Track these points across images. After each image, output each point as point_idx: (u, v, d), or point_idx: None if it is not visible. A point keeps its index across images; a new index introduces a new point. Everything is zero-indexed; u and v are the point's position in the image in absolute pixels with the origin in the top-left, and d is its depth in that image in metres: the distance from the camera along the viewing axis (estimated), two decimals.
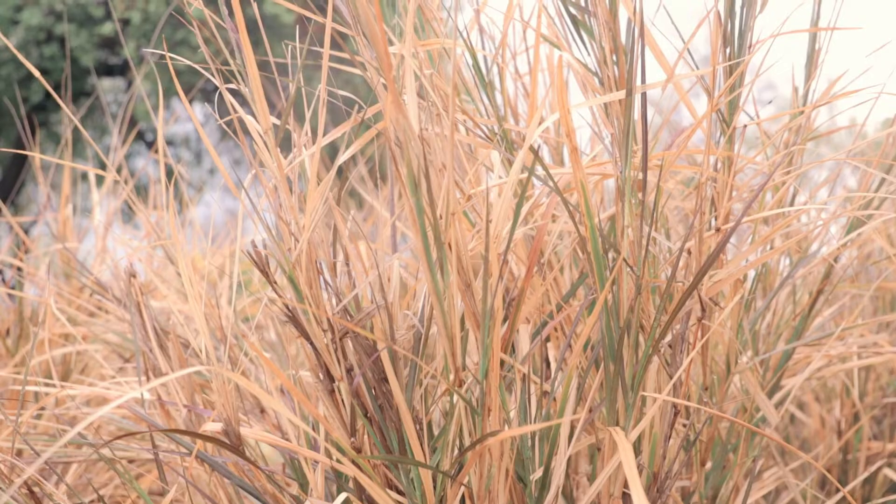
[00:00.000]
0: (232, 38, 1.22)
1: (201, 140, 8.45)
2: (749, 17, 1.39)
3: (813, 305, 1.79)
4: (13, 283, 2.99)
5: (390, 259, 1.25)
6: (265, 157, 1.20)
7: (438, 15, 1.32)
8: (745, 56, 1.29)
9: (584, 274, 1.33)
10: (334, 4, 1.21)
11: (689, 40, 1.22)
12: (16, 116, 3.68)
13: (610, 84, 1.30)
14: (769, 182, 1.39)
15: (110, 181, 2.96)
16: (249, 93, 1.18)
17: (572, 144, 1.13)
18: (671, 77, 1.19)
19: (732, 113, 1.33)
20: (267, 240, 1.24)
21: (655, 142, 1.37)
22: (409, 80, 1.11)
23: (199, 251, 3.12)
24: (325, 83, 1.21)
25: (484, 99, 1.42)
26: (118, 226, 3.31)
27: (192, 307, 1.41)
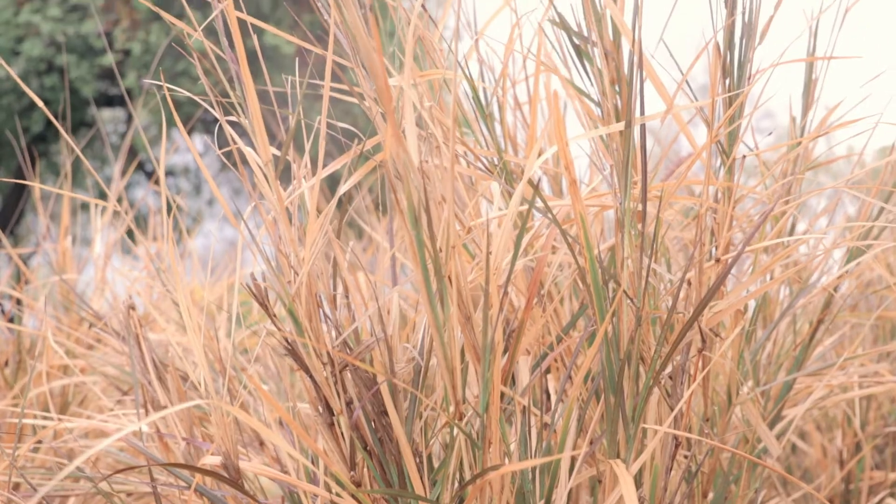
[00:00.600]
0: (232, 70, 1.22)
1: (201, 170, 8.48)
2: (748, 48, 1.39)
3: (813, 335, 1.78)
4: (12, 314, 2.99)
5: (390, 292, 1.24)
6: (265, 190, 1.20)
7: (438, 45, 1.32)
8: (745, 87, 1.30)
9: (585, 305, 1.33)
10: (334, 36, 1.22)
11: (688, 71, 1.23)
12: (16, 147, 3.70)
13: (610, 114, 1.30)
14: (769, 212, 1.39)
15: (110, 212, 2.96)
16: (249, 125, 1.18)
17: (571, 177, 1.13)
18: (670, 108, 1.20)
19: (732, 144, 1.33)
20: (266, 272, 1.24)
21: (655, 173, 1.37)
22: (408, 111, 1.12)
23: (199, 282, 3.11)
24: (325, 115, 1.21)
25: (483, 130, 1.42)
26: (118, 257, 3.31)
27: (191, 340, 1.41)
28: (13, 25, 8.76)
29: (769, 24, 1.42)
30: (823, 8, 1.57)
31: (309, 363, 1.25)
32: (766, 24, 1.42)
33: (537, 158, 1.12)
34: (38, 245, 3.17)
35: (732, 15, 1.28)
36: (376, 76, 1.02)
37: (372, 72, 1.03)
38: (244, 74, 1.14)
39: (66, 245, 2.80)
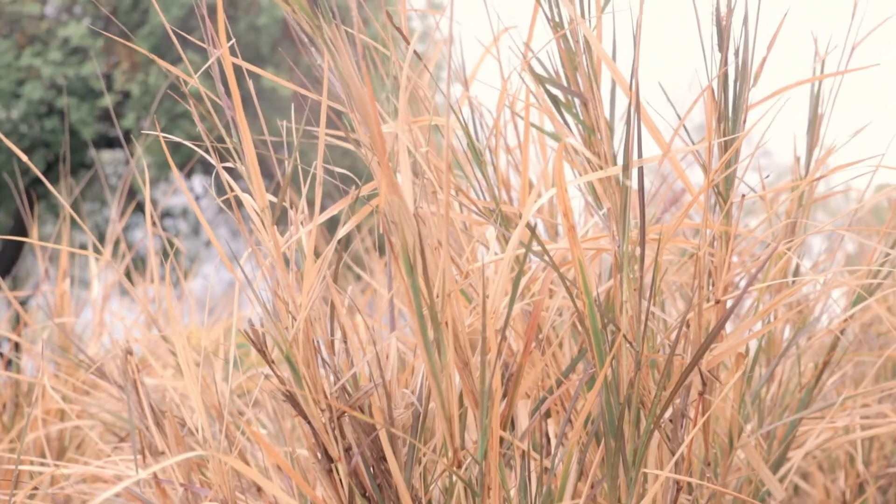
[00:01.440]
0: (228, 116, 1.22)
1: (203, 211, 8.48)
2: (742, 90, 1.39)
3: (819, 377, 1.77)
4: (10, 358, 2.98)
5: (388, 337, 1.24)
6: (261, 236, 1.20)
7: (430, 92, 1.33)
8: (740, 131, 1.30)
9: (584, 349, 1.32)
10: (329, 82, 1.22)
11: (686, 116, 1.23)
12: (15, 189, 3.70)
13: (606, 158, 1.30)
14: (769, 252, 1.38)
15: (108, 255, 2.96)
16: (245, 171, 1.18)
17: (570, 223, 1.13)
18: (667, 152, 1.20)
19: (729, 188, 1.33)
20: (264, 318, 1.23)
21: (653, 217, 1.37)
22: (403, 157, 1.12)
23: (196, 324, 3.10)
24: (321, 160, 1.21)
25: (477, 174, 1.42)
26: (116, 299, 3.30)
27: (188, 385, 1.40)
28: (14, 69, 8.81)
29: (762, 65, 1.42)
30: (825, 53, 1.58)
31: (307, 409, 1.24)
32: (760, 66, 1.42)
33: (534, 203, 1.12)
34: (36, 288, 3.16)
35: (726, 63, 1.28)
36: (370, 124, 1.02)
37: (366, 120, 1.03)
38: (240, 121, 1.15)
39: (65, 288, 2.80)
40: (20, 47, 8.94)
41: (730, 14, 1.36)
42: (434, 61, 1.44)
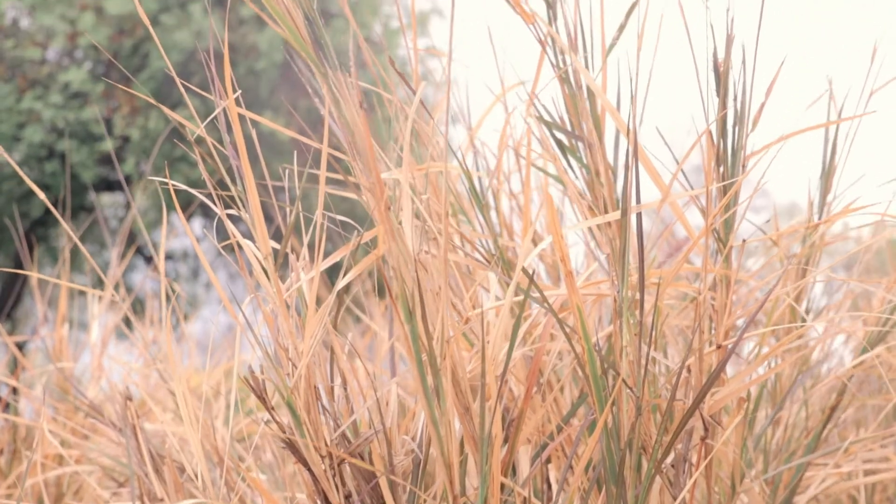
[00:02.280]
0: (233, 164, 1.23)
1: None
2: (741, 135, 1.40)
3: (826, 423, 1.77)
4: (7, 401, 2.97)
5: (388, 383, 1.24)
6: (264, 282, 1.20)
7: (434, 137, 1.34)
8: (738, 175, 1.31)
9: (584, 394, 1.32)
10: (330, 130, 1.23)
11: (683, 161, 1.24)
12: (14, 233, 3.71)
13: (605, 203, 1.31)
14: (766, 296, 1.39)
15: (108, 298, 2.96)
16: (250, 218, 1.18)
17: (567, 269, 1.14)
18: (666, 197, 1.20)
19: (728, 231, 1.34)
20: (265, 364, 1.23)
21: (652, 261, 1.37)
22: (405, 204, 1.12)
23: (196, 368, 3.10)
24: (321, 207, 1.21)
25: (479, 218, 1.43)
26: (115, 343, 3.29)
27: (188, 431, 1.39)
28: (15, 112, 8.87)
29: (761, 111, 1.43)
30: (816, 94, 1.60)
31: (307, 456, 1.24)
32: (759, 111, 1.43)
33: (532, 250, 1.12)
34: (35, 332, 3.15)
35: (724, 107, 1.29)
36: (371, 172, 1.03)
37: (368, 168, 1.04)
38: (245, 171, 1.16)
39: (63, 333, 2.79)
40: (21, 91, 9.01)
41: (727, 60, 1.37)
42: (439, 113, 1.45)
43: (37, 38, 9.08)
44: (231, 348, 3.15)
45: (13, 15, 9.46)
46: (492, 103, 1.40)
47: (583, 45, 1.32)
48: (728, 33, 1.38)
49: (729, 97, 1.39)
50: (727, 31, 1.37)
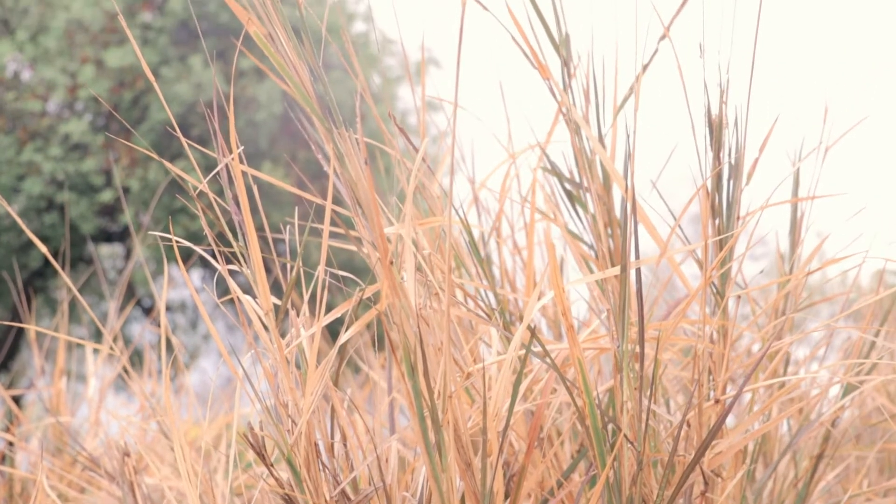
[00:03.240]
0: (234, 219, 1.24)
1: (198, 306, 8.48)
2: (736, 189, 1.42)
3: (814, 471, 1.76)
4: (4, 454, 2.95)
5: (389, 439, 1.24)
6: (264, 338, 1.21)
7: (437, 193, 1.35)
8: (734, 229, 1.32)
9: (585, 448, 1.32)
10: (334, 186, 1.25)
11: (680, 217, 1.25)
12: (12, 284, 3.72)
13: (605, 256, 1.32)
14: (763, 355, 1.39)
15: (106, 351, 2.96)
16: (252, 275, 1.19)
17: (568, 323, 1.14)
18: (664, 252, 1.22)
19: (725, 284, 1.35)
20: (264, 420, 1.23)
21: (651, 313, 1.38)
22: (408, 259, 1.13)
23: (194, 421, 3.08)
24: (323, 262, 1.22)
25: (482, 276, 1.44)
26: (113, 394, 3.28)
27: (186, 485, 1.39)
28: (15, 164, 8.92)
29: (755, 166, 1.45)
30: (806, 149, 1.62)
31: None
32: (753, 166, 1.45)
33: (536, 303, 1.13)
34: (32, 385, 3.15)
35: (720, 163, 1.31)
36: (374, 227, 1.04)
37: (371, 225, 1.05)
38: (247, 226, 1.17)
39: (61, 386, 2.79)
40: (21, 143, 9.06)
41: (720, 116, 1.39)
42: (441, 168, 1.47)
43: (38, 91, 9.16)
44: (230, 400, 3.15)
45: (14, 68, 9.55)
46: (501, 162, 1.42)
47: (595, 100, 1.35)
48: (722, 89, 1.40)
49: (723, 151, 1.41)
50: (721, 88, 1.40)
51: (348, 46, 1.41)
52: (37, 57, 9.16)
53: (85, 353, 3.02)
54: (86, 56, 8.94)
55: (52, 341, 4.05)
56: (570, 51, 1.30)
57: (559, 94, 1.28)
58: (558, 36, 1.30)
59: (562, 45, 1.30)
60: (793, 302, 1.59)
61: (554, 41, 1.29)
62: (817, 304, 1.67)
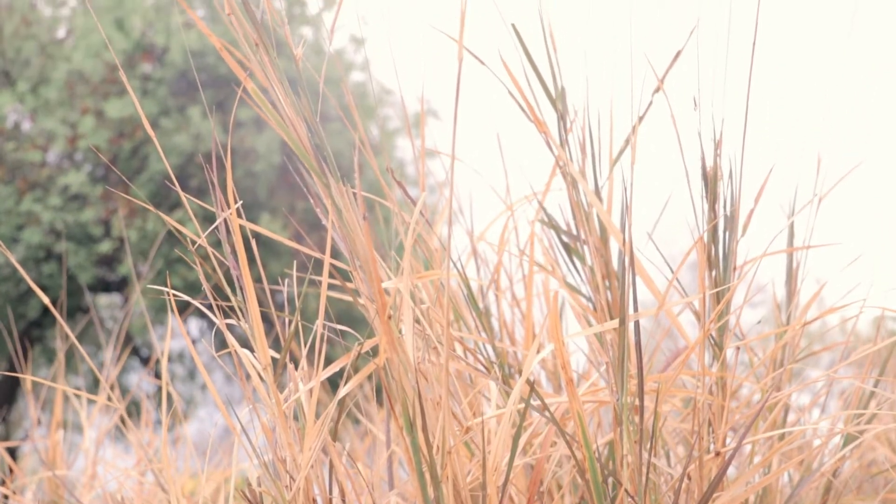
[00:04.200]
0: (233, 274, 1.24)
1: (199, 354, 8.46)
2: (731, 240, 1.43)
3: None
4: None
5: (388, 496, 1.23)
6: (262, 393, 1.20)
7: (435, 245, 1.36)
8: (731, 281, 1.32)
9: (585, 502, 1.31)
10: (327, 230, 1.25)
11: (678, 270, 1.25)
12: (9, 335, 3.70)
13: (603, 309, 1.32)
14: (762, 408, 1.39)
15: (103, 401, 2.94)
16: (249, 329, 1.19)
17: (567, 376, 1.14)
18: (662, 305, 1.22)
19: (723, 335, 1.35)
20: (262, 476, 1.22)
21: (650, 365, 1.38)
22: (406, 313, 1.13)
23: (192, 472, 3.06)
24: (322, 317, 1.22)
25: (480, 328, 1.44)
26: (110, 444, 3.26)
27: None
28: (14, 214, 8.94)
29: (750, 217, 1.46)
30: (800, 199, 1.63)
31: None
32: (748, 218, 1.46)
33: (535, 357, 1.13)
34: (27, 436, 3.13)
35: (715, 216, 1.32)
36: (372, 283, 1.05)
37: (368, 278, 1.05)
38: (246, 282, 1.17)
39: (58, 439, 2.77)
40: (21, 193, 9.09)
41: (715, 168, 1.40)
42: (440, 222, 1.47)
43: (38, 142, 9.21)
44: (228, 452, 3.12)
45: (15, 118, 9.61)
46: (498, 214, 1.42)
47: (591, 154, 1.36)
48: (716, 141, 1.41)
49: (719, 203, 1.41)
50: (715, 140, 1.41)
51: (348, 98, 1.43)
52: (37, 108, 9.23)
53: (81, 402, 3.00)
54: (86, 107, 9.00)
55: (49, 391, 4.04)
56: (566, 104, 1.32)
57: (556, 149, 1.29)
58: (554, 90, 1.32)
59: (558, 98, 1.31)
60: (791, 352, 1.59)
61: (550, 95, 1.31)
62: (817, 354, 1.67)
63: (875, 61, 5.84)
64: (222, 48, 1.23)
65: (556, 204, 1.34)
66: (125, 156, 8.95)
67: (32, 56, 9.40)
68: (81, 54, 8.89)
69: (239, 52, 1.23)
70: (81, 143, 8.88)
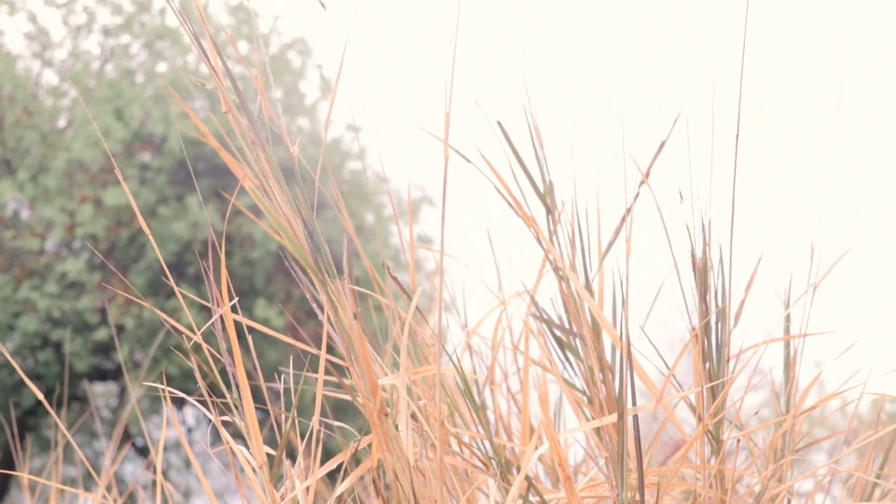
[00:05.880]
0: (229, 372, 1.24)
1: (193, 443, 8.39)
2: (724, 332, 1.43)
3: None
4: None
5: None
6: (258, 492, 1.19)
7: (431, 341, 1.36)
8: (725, 375, 1.32)
9: None
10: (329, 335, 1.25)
11: (674, 367, 1.26)
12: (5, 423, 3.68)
13: (599, 402, 1.32)
14: (763, 493, 1.38)
15: (101, 493, 2.90)
16: (245, 427, 1.19)
17: (565, 474, 1.13)
18: (660, 400, 1.21)
19: (720, 428, 1.34)
20: None
21: (649, 458, 1.37)
22: (402, 409, 1.13)
23: None
24: (318, 413, 1.22)
25: (477, 422, 1.43)
26: None
27: None
28: (11, 302, 8.93)
29: (742, 307, 1.46)
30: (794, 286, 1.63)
31: None
32: (739, 308, 1.46)
33: (533, 453, 1.12)
34: None
35: (705, 301, 1.32)
36: (368, 381, 1.04)
37: (365, 376, 1.05)
38: (241, 382, 1.17)
39: None
40: (18, 281, 9.10)
41: (704, 260, 1.41)
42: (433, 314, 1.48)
43: (36, 230, 9.25)
44: None
45: (14, 207, 9.67)
46: (491, 309, 1.43)
47: (580, 247, 1.37)
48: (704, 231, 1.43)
49: (709, 294, 1.42)
50: (703, 231, 1.42)
51: (337, 196, 1.44)
52: (36, 196, 9.29)
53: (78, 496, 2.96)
54: (84, 195, 9.07)
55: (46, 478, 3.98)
56: (554, 199, 1.33)
57: (545, 244, 1.30)
58: (542, 185, 1.33)
59: (546, 193, 1.33)
60: (791, 440, 1.58)
61: (538, 191, 1.32)
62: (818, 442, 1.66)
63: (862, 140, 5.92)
64: (220, 147, 1.25)
65: (549, 297, 1.35)
66: (123, 244, 8.98)
67: (33, 145, 9.51)
68: (81, 143, 8.99)
69: (237, 142, 1.25)
70: (79, 231, 8.92)
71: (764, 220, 1.83)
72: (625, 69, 1.66)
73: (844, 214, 2.06)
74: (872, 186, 6.11)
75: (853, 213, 2.51)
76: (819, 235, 1.71)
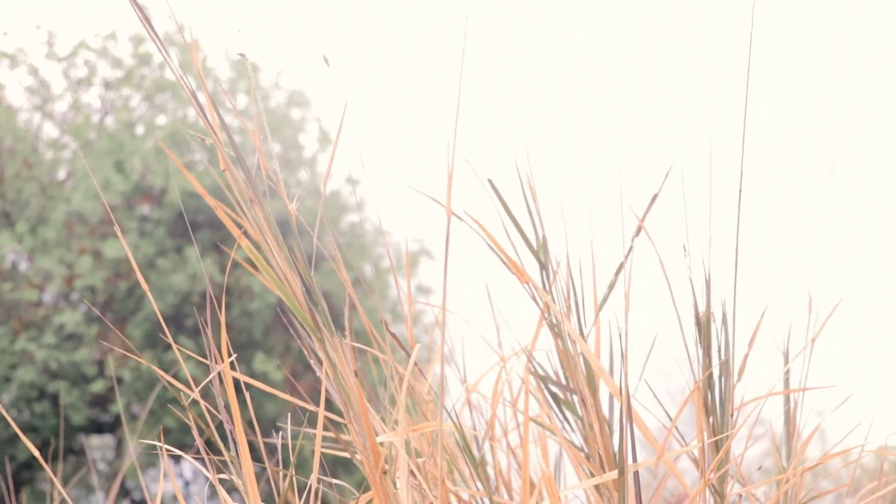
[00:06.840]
0: (227, 429, 1.24)
1: (191, 496, 8.31)
2: (727, 387, 1.42)
3: None
4: None
5: None
6: None
7: (429, 398, 1.35)
8: (729, 429, 1.31)
9: None
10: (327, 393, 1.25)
11: (676, 419, 1.25)
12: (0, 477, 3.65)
13: (597, 458, 1.31)
14: None
15: None
16: (243, 486, 1.18)
17: None
18: (661, 455, 1.21)
19: (723, 483, 1.33)
20: None
21: None
22: (402, 467, 1.12)
23: None
24: (316, 470, 1.21)
25: (476, 478, 1.42)
26: None
27: None
28: (8, 353, 8.90)
29: (745, 362, 1.46)
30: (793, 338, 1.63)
31: None
32: (743, 363, 1.46)
33: None
34: None
35: (708, 355, 1.32)
36: (366, 438, 1.04)
37: (363, 432, 1.05)
38: (240, 440, 1.16)
39: None
40: (16, 332, 9.07)
41: (707, 314, 1.41)
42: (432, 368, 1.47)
43: (34, 281, 9.25)
44: None
45: (13, 258, 9.68)
46: (490, 367, 1.43)
47: (575, 303, 1.36)
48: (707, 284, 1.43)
49: (713, 349, 1.41)
50: (706, 283, 1.42)
51: (335, 251, 1.44)
52: (35, 248, 9.30)
53: None
54: (83, 247, 9.08)
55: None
56: (548, 255, 1.33)
57: (540, 301, 1.31)
58: (535, 241, 1.34)
59: (539, 250, 1.33)
60: (794, 495, 1.57)
61: (532, 247, 1.33)
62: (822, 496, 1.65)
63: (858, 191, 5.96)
64: (216, 204, 1.25)
65: (546, 353, 1.34)
66: (122, 295, 8.97)
67: (32, 197, 9.54)
68: (81, 195, 9.02)
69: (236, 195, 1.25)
70: (78, 282, 8.92)
71: (763, 270, 1.84)
72: (621, 108, 1.67)
73: (842, 263, 2.06)
74: (871, 235, 6.12)
75: (849, 266, 2.52)
76: (817, 287, 1.71)
